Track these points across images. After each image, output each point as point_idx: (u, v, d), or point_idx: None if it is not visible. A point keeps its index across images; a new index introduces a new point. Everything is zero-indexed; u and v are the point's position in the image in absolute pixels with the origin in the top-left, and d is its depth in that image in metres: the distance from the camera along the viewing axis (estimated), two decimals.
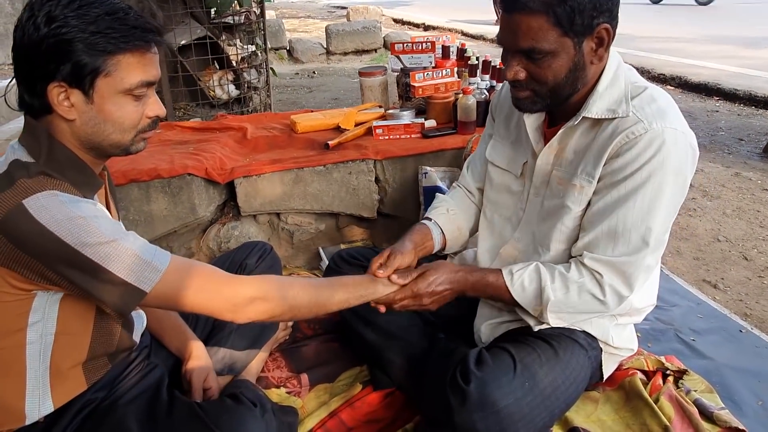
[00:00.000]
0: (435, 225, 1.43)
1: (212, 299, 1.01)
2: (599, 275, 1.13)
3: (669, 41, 7.34)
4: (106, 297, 0.92)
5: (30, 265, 0.89)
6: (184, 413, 1.08)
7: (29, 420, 1.00)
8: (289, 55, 7.91)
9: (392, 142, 2.22)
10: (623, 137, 1.09)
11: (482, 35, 8.97)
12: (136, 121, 0.99)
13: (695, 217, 2.75)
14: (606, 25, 1.06)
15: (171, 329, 1.35)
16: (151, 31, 0.96)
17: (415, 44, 2.50)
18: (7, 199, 0.87)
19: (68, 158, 0.97)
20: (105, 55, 0.91)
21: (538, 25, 1.03)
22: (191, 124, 2.61)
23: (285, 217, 2.21)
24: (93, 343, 1.04)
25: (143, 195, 1.98)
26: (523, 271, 1.19)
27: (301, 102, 5.21)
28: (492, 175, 1.39)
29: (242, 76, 3.24)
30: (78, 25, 0.89)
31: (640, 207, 1.09)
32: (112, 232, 0.91)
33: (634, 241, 1.11)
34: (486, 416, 1.07)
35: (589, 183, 1.14)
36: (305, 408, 1.47)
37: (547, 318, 1.18)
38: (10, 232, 0.86)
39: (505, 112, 1.39)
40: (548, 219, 1.24)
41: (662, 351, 1.61)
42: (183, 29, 3.07)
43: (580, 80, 1.12)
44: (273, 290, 1.07)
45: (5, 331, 0.95)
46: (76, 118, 0.95)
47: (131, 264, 0.91)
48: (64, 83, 0.92)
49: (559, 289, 1.15)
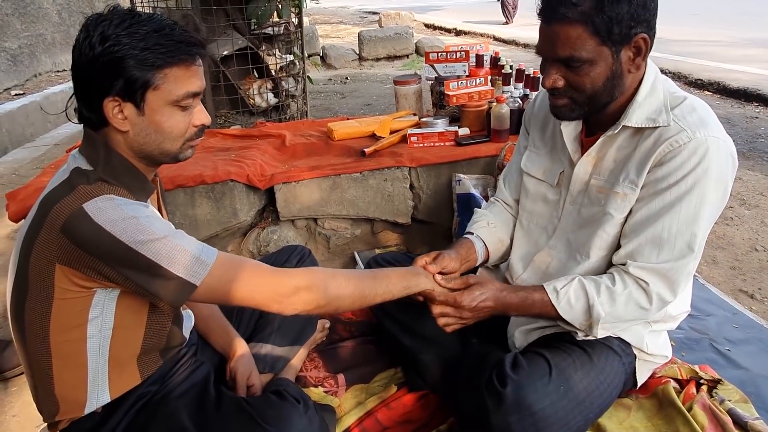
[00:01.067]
0: (477, 238, 1.46)
1: (259, 291, 1.05)
2: (645, 283, 1.15)
3: (706, 45, 7.19)
4: (159, 291, 0.97)
5: (90, 264, 0.96)
6: (232, 407, 1.15)
7: (88, 409, 1.07)
8: (322, 61, 8.03)
9: (426, 150, 2.27)
10: (667, 146, 1.11)
11: (514, 40, 8.94)
12: (183, 130, 1.05)
13: (732, 226, 2.71)
14: (644, 35, 1.09)
15: (217, 328, 1.42)
16: (195, 45, 1.02)
17: (449, 53, 2.54)
18: (69, 204, 0.95)
19: (123, 166, 1.05)
20: (154, 69, 0.97)
21: (576, 34, 1.07)
22: (232, 132, 2.71)
23: (322, 222, 2.28)
24: (146, 337, 1.11)
25: (189, 200, 2.07)
26: (567, 287, 1.20)
27: (335, 108, 5.29)
28: (527, 185, 1.42)
29: (280, 85, 3.34)
30: (129, 42, 0.95)
31: (685, 214, 1.11)
32: (162, 230, 0.98)
33: (679, 247, 1.13)
34: (522, 419, 1.10)
35: (632, 191, 1.16)
36: (342, 407, 1.52)
37: (596, 331, 1.20)
38: (72, 234, 0.94)
39: (539, 123, 1.41)
40: (587, 226, 1.26)
41: (696, 360, 1.61)
42: (225, 40, 3.18)
43: (617, 89, 1.14)
44: (318, 281, 1.10)
45: (68, 326, 1.02)
46: (129, 130, 1.02)
47: (181, 259, 0.97)
48: (118, 98, 0.98)
49: (606, 303, 1.17)
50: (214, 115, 3.18)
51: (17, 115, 4.54)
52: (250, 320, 1.53)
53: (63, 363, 1.04)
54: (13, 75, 5.29)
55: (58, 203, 0.96)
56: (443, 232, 2.30)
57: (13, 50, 5.33)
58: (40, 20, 5.84)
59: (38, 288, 0.99)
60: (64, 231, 0.94)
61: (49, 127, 4.93)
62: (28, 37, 5.61)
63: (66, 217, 0.94)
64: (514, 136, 2.24)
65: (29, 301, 1.01)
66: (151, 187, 1.12)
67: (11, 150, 4.31)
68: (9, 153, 4.25)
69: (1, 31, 5.15)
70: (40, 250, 0.97)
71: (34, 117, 4.75)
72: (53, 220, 0.95)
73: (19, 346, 1.07)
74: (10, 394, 1.68)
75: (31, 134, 4.66)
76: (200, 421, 1.11)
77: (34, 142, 4.56)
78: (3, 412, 1.61)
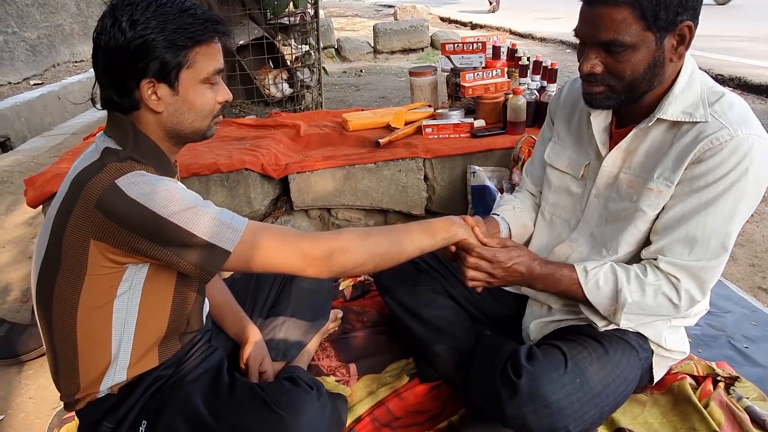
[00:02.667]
0: (502, 220, 1.44)
1: (292, 255, 1.04)
2: (676, 279, 1.13)
3: (728, 40, 7.05)
4: (194, 259, 0.99)
5: (125, 239, 0.97)
6: (246, 392, 1.15)
7: (104, 386, 1.09)
8: (336, 53, 8.02)
9: (441, 141, 2.25)
10: (707, 143, 1.08)
11: (531, 34, 8.84)
12: (212, 106, 1.08)
13: (752, 222, 2.66)
14: (689, 22, 1.06)
15: (230, 315, 1.42)
16: (218, 23, 1.05)
17: (465, 44, 2.52)
18: (102, 180, 0.97)
19: (149, 147, 1.07)
20: (186, 49, 1.01)
21: (622, 17, 1.03)
22: (247, 121, 2.72)
23: (335, 212, 2.28)
24: (171, 317, 1.12)
25: (203, 188, 2.08)
26: (598, 269, 1.19)
27: (349, 100, 5.29)
28: (551, 177, 1.39)
29: (296, 75, 3.34)
30: (158, 25, 0.98)
31: (721, 214, 1.09)
32: (193, 200, 1.00)
33: (713, 246, 1.10)
34: (536, 410, 1.09)
35: (667, 187, 1.13)
36: (354, 396, 1.52)
37: (620, 319, 1.18)
38: (106, 209, 0.96)
39: (566, 114, 1.39)
40: (616, 221, 1.23)
41: (713, 357, 1.58)
42: (241, 30, 3.19)
43: (657, 78, 1.11)
44: (353, 241, 1.09)
45: (97, 302, 1.04)
46: (164, 110, 1.04)
47: (213, 226, 0.99)
48: (153, 79, 1.01)
49: (635, 291, 1.15)
50: (230, 104, 3.19)
51: (36, 104, 4.60)
52: (263, 307, 1.54)
53: (88, 338, 1.06)
54: (32, 65, 5.35)
55: (91, 181, 0.98)
56: None
57: (32, 40, 5.39)
58: (58, 11, 5.90)
59: (71, 264, 1.01)
60: (98, 207, 0.96)
61: (66, 117, 4.98)
62: (47, 28, 5.67)
63: (100, 194, 0.96)
64: (530, 129, 2.22)
65: (60, 277, 1.02)
66: (174, 169, 1.14)
67: (30, 138, 4.37)
68: (28, 141, 4.30)
69: (21, 22, 5.21)
70: (75, 226, 0.98)
71: (52, 106, 4.81)
72: (87, 197, 0.97)
73: (44, 323, 1.09)
74: (26, 377, 1.70)
75: (49, 123, 4.71)
76: (214, 405, 1.12)
77: (52, 131, 4.61)
78: (20, 394, 1.64)
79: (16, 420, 1.54)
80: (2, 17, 4.94)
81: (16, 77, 5.06)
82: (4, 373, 1.72)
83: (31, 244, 2.56)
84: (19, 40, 5.16)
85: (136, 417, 1.12)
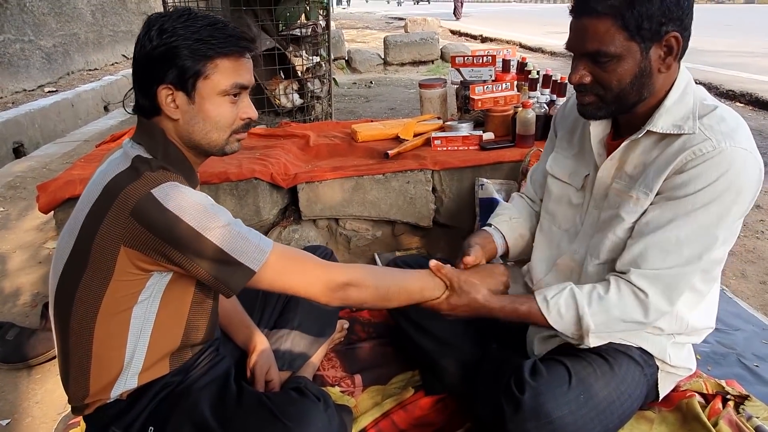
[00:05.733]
0: (496, 230, 1.46)
1: (311, 283, 1.10)
2: (644, 294, 1.12)
3: (740, 55, 7.04)
4: (222, 276, 1.02)
5: (157, 247, 0.99)
6: (253, 402, 1.15)
7: (114, 392, 1.09)
8: (347, 65, 8.08)
9: (450, 154, 2.26)
10: (689, 154, 1.08)
11: (540, 48, 8.88)
12: (231, 120, 1.09)
13: (763, 239, 2.64)
14: (675, 33, 1.06)
15: (238, 323, 1.43)
16: (245, 40, 1.07)
17: (475, 57, 2.53)
18: (137, 189, 0.99)
19: (177, 156, 1.10)
20: (205, 59, 1.03)
21: (605, 28, 1.05)
22: (257, 131, 2.74)
23: (343, 222, 2.29)
24: (187, 327, 1.14)
25: (213, 196, 2.04)
26: (558, 296, 1.19)
27: (359, 111, 5.32)
28: (552, 187, 1.40)
29: (306, 86, 3.36)
30: (184, 34, 1.01)
31: (700, 223, 1.08)
32: (226, 218, 1.03)
33: (688, 254, 1.10)
34: (539, 426, 1.08)
35: (645, 195, 1.14)
36: (358, 407, 1.52)
37: (589, 341, 1.19)
38: (141, 218, 0.98)
39: (568, 126, 1.40)
40: (602, 230, 1.24)
41: (723, 375, 1.57)
42: None
43: (646, 88, 1.12)
44: (367, 278, 1.15)
45: (119, 307, 1.05)
46: (180, 118, 1.07)
47: (243, 246, 1.02)
48: (171, 86, 1.04)
49: (597, 314, 1.15)
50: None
51: (49, 111, 4.66)
52: (271, 317, 1.54)
53: (104, 343, 1.07)
54: (47, 72, 5.44)
55: (126, 189, 0.99)
56: (465, 236, 2.27)
57: (48, 48, 5.48)
58: (74, 20, 6.00)
59: (98, 267, 1.02)
60: (133, 215, 0.97)
61: (79, 124, 5.05)
62: (63, 36, 5.76)
63: (135, 202, 0.98)
64: (539, 142, 2.21)
65: (85, 279, 1.04)
66: (197, 179, 1.17)
67: (43, 145, 4.43)
68: (41, 148, 4.36)
69: (37, 30, 5.30)
70: (107, 231, 1.00)
71: (65, 114, 4.88)
72: (122, 204, 0.99)
73: (59, 326, 1.10)
74: (34, 381, 1.71)
75: (62, 130, 4.78)
76: (221, 414, 1.12)
77: (64, 137, 4.67)
78: (27, 399, 1.64)
79: (22, 424, 1.55)
80: (19, 26, 5.02)
81: (31, 84, 5.14)
82: (12, 377, 1.73)
83: (42, 250, 2.59)
84: (35, 48, 5.25)
85: (144, 423, 1.12)
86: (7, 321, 1.90)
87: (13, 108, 4.49)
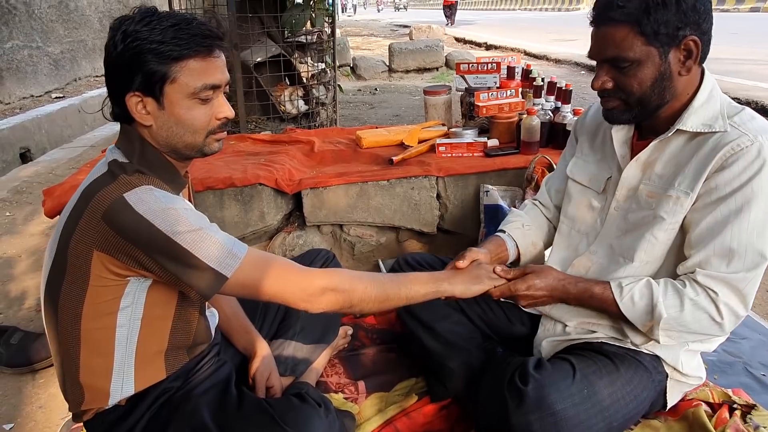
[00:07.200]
0: (509, 237, 1.46)
1: (287, 288, 1.06)
2: (714, 293, 1.11)
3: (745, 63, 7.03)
4: (192, 281, 0.99)
5: (128, 251, 0.98)
6: (253, 407, 1.15)
7: (112, 400, 1.08)
8: (352, 71, 8.12)
9: (455, 160, 2.26)
10: (728, 150, 1.09)
11: (545, 55, 8.89)
12: (205, 122, 1.05)
13: None
14: (693, 37, 1.08)
15: (239, 328, 1.42)
16: (211, 37, 1.02)
17: (480, 64, 2.54)
18: (110, 193, 0.98)
19: (156, 158, 1.07)
20: (170, 61, 0.98)
21: (623, 35, 1.09)
22: (262, 137, 2.75)
23: (347, 228, 2.28)
24: (173, 331, 1.12)
25: (217, 202, 2.10)
26: (633, 285, 1.18)
27: (363, 118, 5.33)
28: (572, 190, 1.41)
29: (311, 92, 3.38)
30: (147, 37, 0.97)
31: (754, 220, 1.08)
32: (198, 222, 1.00)
33: (750, 256, 1.09)
34: (542, 418, 1.08)
35: (686, 195, 1.14)
36: (361, 414, 1.51)
37: (658, 334, 1.16)
38: (112, 221, 0.96)
39: (591, 131, 1.42)
40: (633, 231, 1.23)
41: (729, 384, 1.55)
42: (259, 47, 3.24)
43: (667, 91, 1.14)
44: (344, 283, 1.11)
45: (100, 313, 1.04)
46: (153, 124, 1.04)
47: (215, 251, 0.99)
48: (139, 92, 1.00)
49: (672, 306, 1.13)
50: (246, 120, 3.23)
51: (56, 117, 4.70)
52: (273, 322, 1.54)
53: (90, 350, 1.06)
54: (55, 79, 5.48)
55: (100, 192, 0.98)
56: (469, 243, 2.27)
57: (56, 55, 5.52)
58: (82, 27, 6.05)
59: (75, 273, 1.01)
60: (105, 219, 0.96)
61: (86, 129, 5.08)
62: (70, 43, 5.81)
63: (107, 206, 0.96)
64: (544, 149, 2.21)
65: (65, 285, 1.03)
66: (183, 181, 1.14)
67: (49, 150, 4.45)
68: (47, 153, 4.39)
69: (45, 37, 5.35)
70: (80, 236, 0.99)
71: (72, 119, 4.91)
72: (94, 208, 0.97)
73: (50, 332, 1.09)
74: (37, 386, 1.72)
75: (68, 135, 4.81)
76: (222, 419, 1.12)
77: (71, 143, 4.70)
78: (30, 403, 1.64)
79: (26, 429, 1.55)
80: (28, 32, 5.07)
81: (38, 90, 5.18)
82: (16, 382, 1.73)
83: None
84: (43, 54, 5.30)
85: (144, 429, 1.11)
86: (11, 325, 1.91)
87: (21, 113, 4.53)
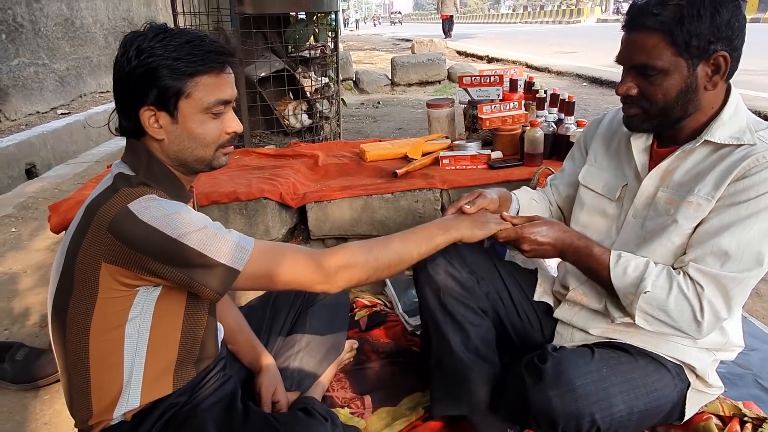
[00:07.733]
0: (516, 199, 1.48)
1: (300, 273, 1.07)
2: (700, 288, 1.11)
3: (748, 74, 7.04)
4: (205, 280, 1.00)
5: (136, 261, 0.98)
6: (260, 422, 1.14)
7: (117, 413, 1.08)
8: (355, 85, 8.17)
9: (459, 173, 2.26)
10: (753, 160, 1.09)
11: (547, 67, 8.94)
12: (216, 136, 1.08)
13: None
14: (724, 53, 1.08)
15: (244, 343, 1.42)
16: (224, 54, 1.05)
17: (483, 77, 2.55)
18: (114, 205, 0.99)
19: (163, 172, 1.09)
20: (185, 77, 1.01)
21: (653, 42, 1.09)
22: (267, 151, 2.76)
23: (352, 241, 2.28)
24: (182, 342, 1.12)
25: (222, 216, 2.11)
26: (632, 259, 1.18)
27: (367, 131, 5.35)
28: (584, 197, 1.40)
29: (315, 107, 3.40)
30: (162, 54, 1.00)
31: (759, 229, 1.08)
32: (203, 222, 1.02)
33: (746, 260, 1.09)
34: (562, 393, 1.07)
35: (707, 201, 1.13)
36: (368, 429, 1.50)
37: (635, 309, 1.15)
38: (118, 232, 0.97)
39: (605, 139, 1.41)
40: (653, 238, 1.22)
41: (739, 396, 1.53)
42: (263, 62, 3.27)
43: (691, 104, 1.14)
44: (356, 257, 1.12)
45: (109, 325, 1.04)
46: (165, 138, 1.06)
47: (223, 247, 1.00)
48: (153, 107, 1.03)
49: (659, 287, 1.13)
50: (250, 134, 3.25)
51: (62, 133, 4.73)
52: (278, 337, 1.53)
53: (100, 362, 1.06)
54: (60, 95, 5.53)
55: (104, 205, 0.99)
56: None
57: (62, 72, 5.58)
58: (87, 44, 6.12)
59: (83, 287, 1.02)
60: (110, 230, 0.97)
61: (91, 145, 5.11)
62: (76, 60, 5.87)
63: (112, 217, 0.97)
64: (547, 161, 2.22)
65: (73, 299, 1.03)
66: (188, 195, 1.15)
67: (55, 166, 4.48)
68: (53, 169, 4.41)
69: (51, 54, 5.41)
70: (87, 249, 1.00)
71: (77, 135, 4.95)
72: (100, 221, 0.98)
73: (58, 347, 1.09)
74: (42, 402, 1.71)
75: (74, 151, 4.84)
76: None
77: (76, 158, 4.73)
78: (35, 420, 1.64)
79: None
80: (34, 49, 5.13)
81: (44, 107, 5.23)
82: (21, 398, 1.72)
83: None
84: (49, 71, 5.35)
85: None
86: (16, 341, 1.90)
87: (26, 130, 4.56)
